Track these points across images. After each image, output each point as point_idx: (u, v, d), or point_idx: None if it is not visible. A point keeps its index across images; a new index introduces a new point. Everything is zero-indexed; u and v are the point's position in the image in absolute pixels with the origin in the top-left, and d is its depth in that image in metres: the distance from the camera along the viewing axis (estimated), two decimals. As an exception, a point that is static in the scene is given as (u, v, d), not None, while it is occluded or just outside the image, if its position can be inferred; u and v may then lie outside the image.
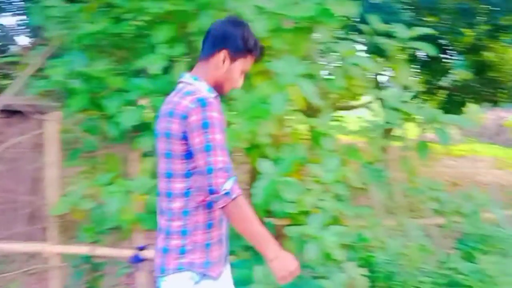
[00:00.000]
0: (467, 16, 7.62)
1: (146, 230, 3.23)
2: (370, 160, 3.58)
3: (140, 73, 3.12)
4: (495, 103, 11.21)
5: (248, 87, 2.94)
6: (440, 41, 9.65)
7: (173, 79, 2.92)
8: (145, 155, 3.22)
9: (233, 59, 1.74)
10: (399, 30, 3.27)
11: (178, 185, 1.68)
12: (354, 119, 3.63)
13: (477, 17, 7.48)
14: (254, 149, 3.12)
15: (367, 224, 3.55)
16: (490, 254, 3.57)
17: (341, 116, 3.48)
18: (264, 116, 2.65)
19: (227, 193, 1.56)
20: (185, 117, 1.59)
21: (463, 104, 11.20)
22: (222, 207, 1.59)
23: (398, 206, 4.03)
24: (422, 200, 3.73)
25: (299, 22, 2.81)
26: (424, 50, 3.22)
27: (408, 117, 3.34)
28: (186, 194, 1.68)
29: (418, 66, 10.44)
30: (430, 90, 10.84)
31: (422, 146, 3.29)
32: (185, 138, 1.61)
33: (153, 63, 2.72)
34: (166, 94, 3.04)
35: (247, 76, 3.23)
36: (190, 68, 1.84)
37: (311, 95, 2.62)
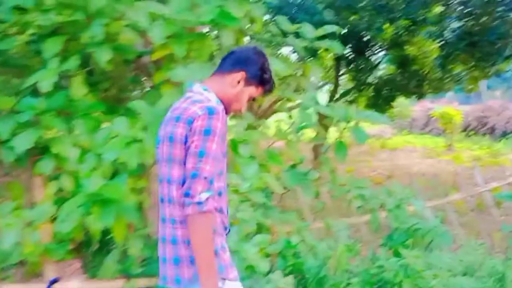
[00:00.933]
0: (385, 12, 7.83)
1: (57, 261, 2.99)
2: (295, 163, 3.53)
3: (36, 91, 2.89)
4: (421, 95, 11.63)
5: (155, 97, 2.79)
6: (364, 38, 9.92)
7: (69, 95, 2.72)
8: (51, 178, 2.98)
9: (247, 83, 1.79)
10: (306, 30, 3.22)
11: (175, 193, 1.65)
12: (277, 123, 3.55)
13: (394, 13, 7.68)
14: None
15: (294, 229, 3.49)
16: (416, 247, 3.61)
17: (263, 121, 3.39)
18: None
19: (199, 203, 1.54)
20: (190, 122, 1.60)
21: (392, 98, 11.55)
22: (188, 214, 1.56)
23: (325, 207, 4.00)
24: (349, 199, 3.71)
25: (201, 27, 2.70)
26: (332, 49, 3.18)
27: (326, 118, 3.32)
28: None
29: (344, 64, 10.68)
30: (358, 87, 11.10)
31: (340, 147, 3.26)
32: (186, 142, 1.61)
33: (44, 80, 2.50)
34: (64, 112, 2.86)
35: (154, 87, 3.08)
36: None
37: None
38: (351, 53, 10.54)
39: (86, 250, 3.25)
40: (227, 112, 1.79)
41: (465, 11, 6.83)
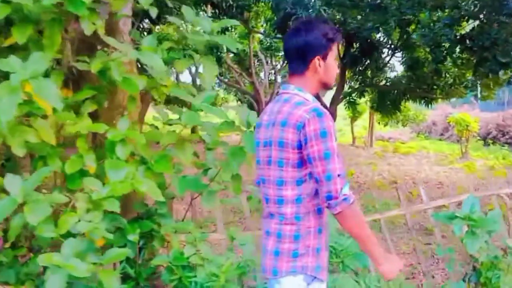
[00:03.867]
0: (380, 12, 7.20)
1: None
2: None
3: None
4: (431, 100, 10.84)
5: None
6: (368, 38, 9.27)
7: None
8: None
9: (324, 57, 1.77)
10: (204, 24, 2.78)
11: (290, 192, 1.72)
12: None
13: (388, 13, 7.04)
14: (38, 161, 2.64)
15: (188, 240, 3.09)
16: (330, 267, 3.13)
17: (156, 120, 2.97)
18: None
19: (345, 199, 1.61)
20: (301, 127, 1.63)
21: (399, 101, 10.86)
22: (339, 213, 1.63)
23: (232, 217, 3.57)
24: (259, 208, 3.26)
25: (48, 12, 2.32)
26: (227, 45, 2.74)
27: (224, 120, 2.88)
28: (297, 200, 1.72)
29: (349, 64, 10.04)
30: (363, 88, 10.46)
31: (237, 152, 2.82)
32: (299, 147, 1.65)
33: None
34: None
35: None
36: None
37: (49, 97, 2.12)
38: (356, 52, 9.89)
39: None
40: (329, 88, 1.89)
41: (458, 15, 6.15)
